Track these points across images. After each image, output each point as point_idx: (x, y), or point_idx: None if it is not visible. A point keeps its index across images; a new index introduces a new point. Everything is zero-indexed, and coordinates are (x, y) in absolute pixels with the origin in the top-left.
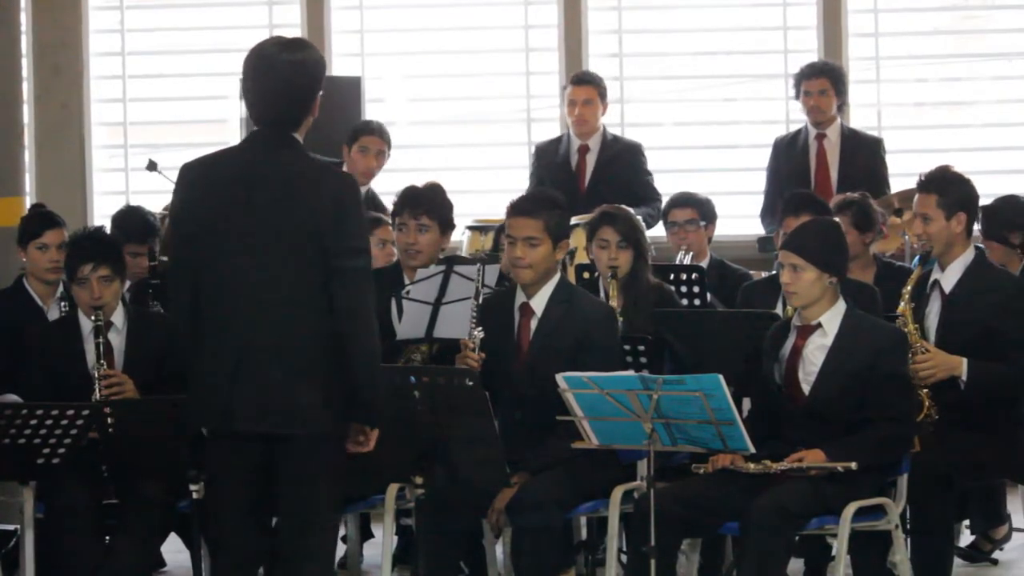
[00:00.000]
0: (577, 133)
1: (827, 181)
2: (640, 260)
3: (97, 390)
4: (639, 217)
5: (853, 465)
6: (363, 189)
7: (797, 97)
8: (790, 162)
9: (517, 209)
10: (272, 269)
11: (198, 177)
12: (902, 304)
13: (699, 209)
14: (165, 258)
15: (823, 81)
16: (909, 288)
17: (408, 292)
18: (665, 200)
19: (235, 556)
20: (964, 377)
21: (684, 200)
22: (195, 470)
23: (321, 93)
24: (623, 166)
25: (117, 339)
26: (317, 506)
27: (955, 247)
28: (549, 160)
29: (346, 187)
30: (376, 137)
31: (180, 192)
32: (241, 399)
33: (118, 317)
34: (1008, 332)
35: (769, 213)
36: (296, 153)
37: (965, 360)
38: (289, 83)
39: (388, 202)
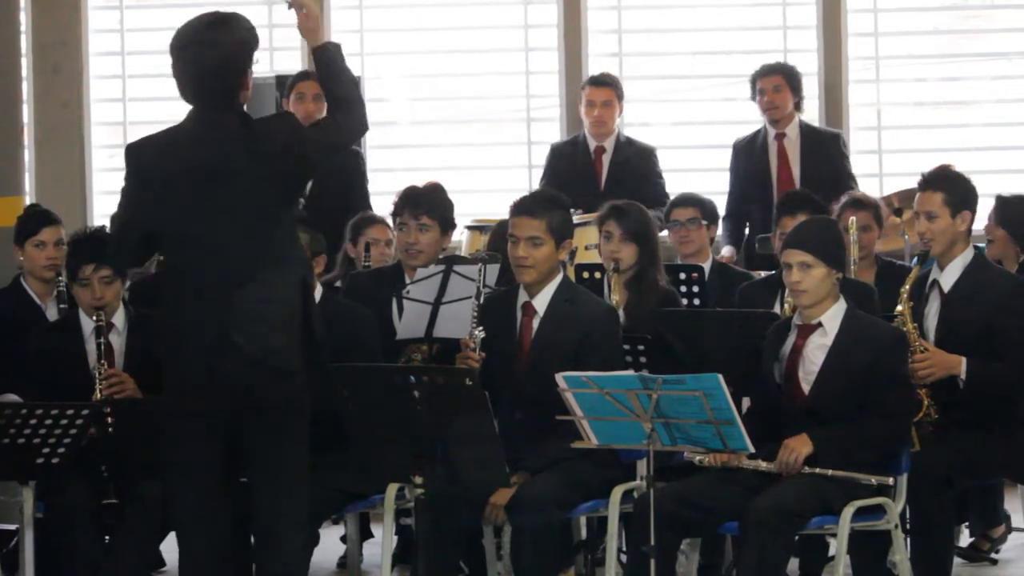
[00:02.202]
0: (594, 134)
1: (790, 180)
2: (647, 258)
3: (98, 390)
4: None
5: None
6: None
7: (753, 98)
8: (750, 162)
9: (520, 209)
10: (242, 231)
11: (152, 155)
12: (900, 304)
13: (701, 208)
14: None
15: (777, 78)
16: (907, 287)
17: (408, 292)
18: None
19: (200, 538)
20: (963, 376)
21: (686, 200)
22: None
23: (257, 62)
24: (635, 170)
25: (118, 340)
26: (292, 473)
27: (956, 245)
28: (568, 161)
29: (288, 119)
30: (311, 81)
31: (135, 172)
32: (223, 364)
33: (119, 318)
34: (1007, 331)
35: (732, 216)
36: (240, 115)
37: (964, 359)
38: (227, 61)
39: (388, 203)
